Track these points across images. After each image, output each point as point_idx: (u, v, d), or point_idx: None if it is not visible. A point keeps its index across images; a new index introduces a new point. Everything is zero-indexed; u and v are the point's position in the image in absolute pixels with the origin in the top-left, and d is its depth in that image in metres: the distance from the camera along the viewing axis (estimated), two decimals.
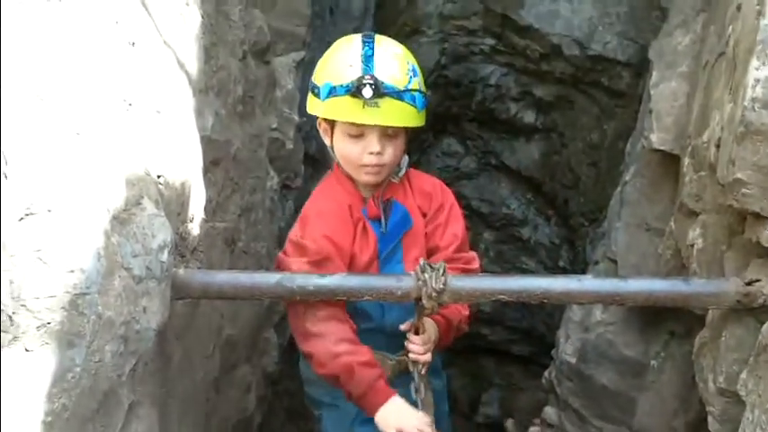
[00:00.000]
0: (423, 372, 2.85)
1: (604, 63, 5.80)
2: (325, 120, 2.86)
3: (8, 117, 1.78)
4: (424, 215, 2.97)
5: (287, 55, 4.51)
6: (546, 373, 4.18)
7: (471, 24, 6.15)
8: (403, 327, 2.85)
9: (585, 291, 2.51)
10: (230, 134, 3.42)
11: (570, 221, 6.49)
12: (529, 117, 6.48)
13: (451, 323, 2.95)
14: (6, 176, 1.79)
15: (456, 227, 2.98)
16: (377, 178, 2.86)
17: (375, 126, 2.75)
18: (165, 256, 2.32)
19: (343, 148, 2.84)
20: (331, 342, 2.81)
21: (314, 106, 2.85)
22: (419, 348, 2.83)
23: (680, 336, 3.32)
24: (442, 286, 2.51)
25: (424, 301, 2.53)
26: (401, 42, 2.91)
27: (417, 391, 2.81)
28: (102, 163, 2.08)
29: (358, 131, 2.78)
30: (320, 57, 2.92)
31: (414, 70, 2.79)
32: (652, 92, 3.31)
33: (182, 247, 2.68)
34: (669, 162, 3.22)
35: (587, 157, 6.16)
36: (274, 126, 4.26)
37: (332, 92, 2.75)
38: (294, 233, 2.93)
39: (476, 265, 3.00)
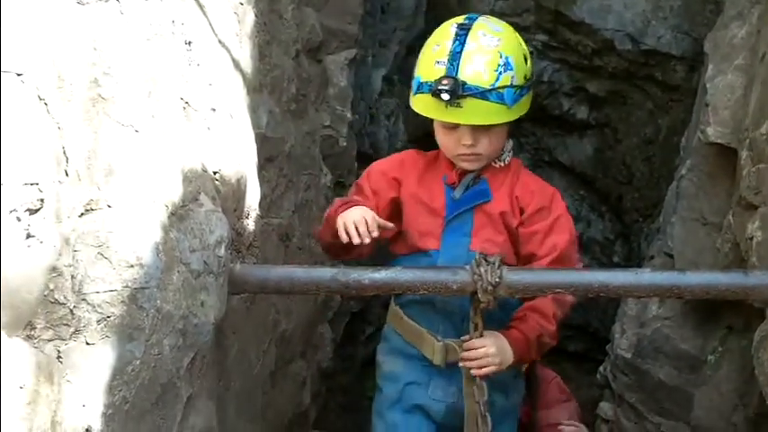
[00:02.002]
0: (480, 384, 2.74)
1: (658, 57, 5.74)
2: None
3: (70, 114, 1.81)
4: (522, 211, 2.89)
5: (339, 53, 4.53)
6: (601, 368, 4.15)
7: (523, 21, 6.11)
8: (464, 337, 2.81)
9: (644, 284, 2.49)
10: (284, 132, 3.44)
11: (624, 217, 6.43)
12: (582, 113, 6.43)
13: (529, 339, 2.81)
14: (68, 173, 1.82)
15: (559, 238, 2.86)
16: (475, 165, 2.86)
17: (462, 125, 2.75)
18: (222, 252, 2.34)
19: (439, 137, 2.87)
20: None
21: (410, 97, 2.88)
22: (473, 355, 2.73)
23: (738, 330, 3.28)
24: (497, 280, 2.50)
25: (480, 295, 2.53)
26: None
27: (481, 392, 2.74)
28: (160, 159, 2.11)
29: (451, 125, 2.78)
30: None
31: (507, 64, 2.73)
32: (708, 85, 3.28)
33: (237, 243, 2.70)
34: (726, 155, 3.18)
35: (641, 152, 6.10)
36: (327, 123, 4.29)
37: (419, 88, 2.77)
38: None
39: None
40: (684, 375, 3.53)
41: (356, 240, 2.64)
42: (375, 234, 2.66)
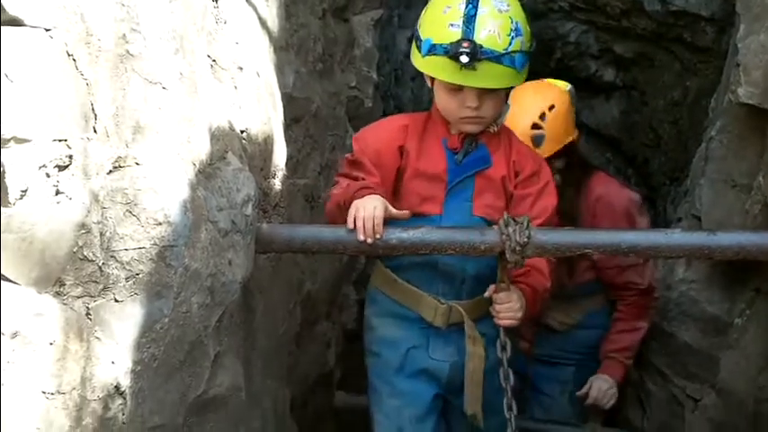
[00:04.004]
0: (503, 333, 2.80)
1: (687, 18, 5.67)
2: None
3: (98, 71, 1.81)
4: (516, 174, 2.93)
5: (365, 13, 4.49)
6: None
7: None
8: (487, 294, 2.84)
9: (673, 244, 2.47)
10: (310, 92, 3.43)
11: (650, 180, 6.39)
12: (609, 75, 6.38)
13: (537, 291, 2.90)
14: (96, 130, 1.82)
15: (548, 201, 2.94)
16: (475, 128, 2.87)
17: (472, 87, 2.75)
18: (249, 210, 2.34)
19: (441, 100, 2.86)
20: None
21: (415, 58, 2.87)
22: (505, 306, 2.77)
23: (765, 292, 3.26)
24: (526, 240, 2.49)
25: (508, 256, 2.52)
26: None
27: (504, 348, 2.77)
28: (188, 117, 2.10)
29: (456, 87, 2.78)
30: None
31: (517, 29, 2.76)
32: (739, 45, 3.23)
33: (264, 203, 2.70)
34: (757, 116, 3.14)
35: (669, 115, 6.05)
36: (353, 84, 4.27)
37: (431, 50, 2.75)
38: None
39: None
40: (711, 338, 3.51)
41: (361, 238, 2.61)
42: (379, 236, 2.63)
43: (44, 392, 1.68)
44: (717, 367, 3.46)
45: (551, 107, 3.63)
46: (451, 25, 2.73)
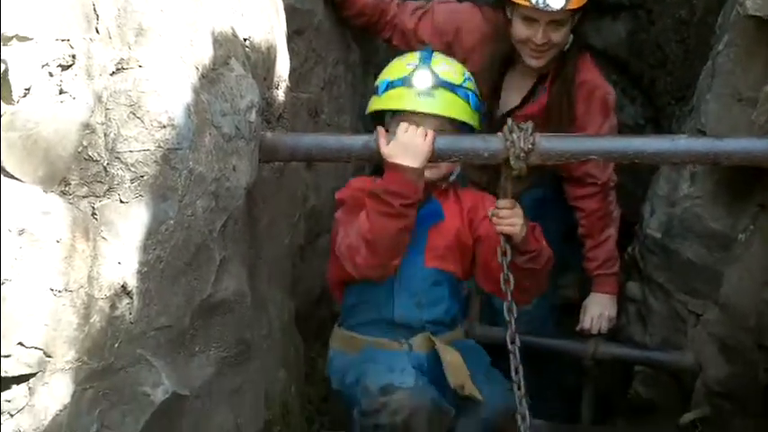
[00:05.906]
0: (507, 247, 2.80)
1: None
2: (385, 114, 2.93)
3: None
4: (471, 221, 2.95)
5: None
6: (629, 249, 4.13)
7: None
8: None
9: (679, 150, 2.46)
10: (313, 4, 3.40)
11: (656, 101, 6.35)
12: None
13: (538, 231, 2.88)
14: (98, 31, 1.81)
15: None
16: (436, 173, 2.86)
17: (430, 117, 2.77)
18: (253, 117, 2.34)
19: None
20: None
21: (372, 105, 2.97)
22: (506, 213, 2.76)
23: None
24: (530, 146, 2.48)
25: (512, 162, 2.50)
26: None
27: (504, 254, 2.76)
28: (191, 21, 2.09)
29: (414, 121, 2.74)
30: None
31: (470, 79, 2.92)
32: None
33: (268, 113, 2.69)
34: (764, 28, 3.11)
35: (675, 33, 5.97)
36: None
37: (389, 86, 2.87)
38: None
39: None
40: (714, 254, 3.51)
41: None
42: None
43: (52, 290, 1.69)
44: (719, 282, 3.47)
45: None
46: (409, 64, 2.89)
